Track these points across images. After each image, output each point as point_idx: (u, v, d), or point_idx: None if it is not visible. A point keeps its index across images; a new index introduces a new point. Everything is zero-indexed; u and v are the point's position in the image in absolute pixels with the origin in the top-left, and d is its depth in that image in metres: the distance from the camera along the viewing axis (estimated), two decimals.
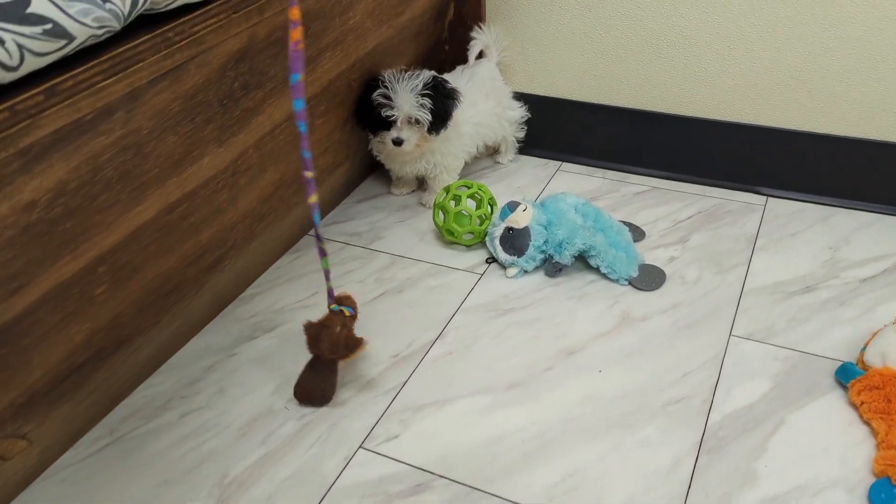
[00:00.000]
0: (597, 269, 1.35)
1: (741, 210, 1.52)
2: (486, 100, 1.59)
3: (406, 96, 1.39)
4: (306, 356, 1.13)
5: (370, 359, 1.22)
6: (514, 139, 1.70)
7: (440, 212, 1.44)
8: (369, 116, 1.44)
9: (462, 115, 1.51)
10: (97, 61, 0.74)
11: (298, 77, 0.85)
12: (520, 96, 1.69)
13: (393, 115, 1.40)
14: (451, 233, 1.43)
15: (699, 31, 1.47)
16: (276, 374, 1.20)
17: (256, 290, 1.38)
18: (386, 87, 1.39)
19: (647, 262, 1.38)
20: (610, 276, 1.34)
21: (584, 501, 0.98)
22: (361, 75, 1.37)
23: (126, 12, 0.74)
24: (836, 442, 1.04)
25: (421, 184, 1.65)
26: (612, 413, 1.10)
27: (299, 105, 0.87)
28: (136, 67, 0.79)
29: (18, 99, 0.68)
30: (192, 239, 1.11)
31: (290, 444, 1.08)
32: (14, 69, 0.66)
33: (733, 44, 1.45)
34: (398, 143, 1.43)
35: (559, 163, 1.72)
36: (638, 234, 1.46)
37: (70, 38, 0.69)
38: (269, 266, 1.43)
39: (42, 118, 0.70)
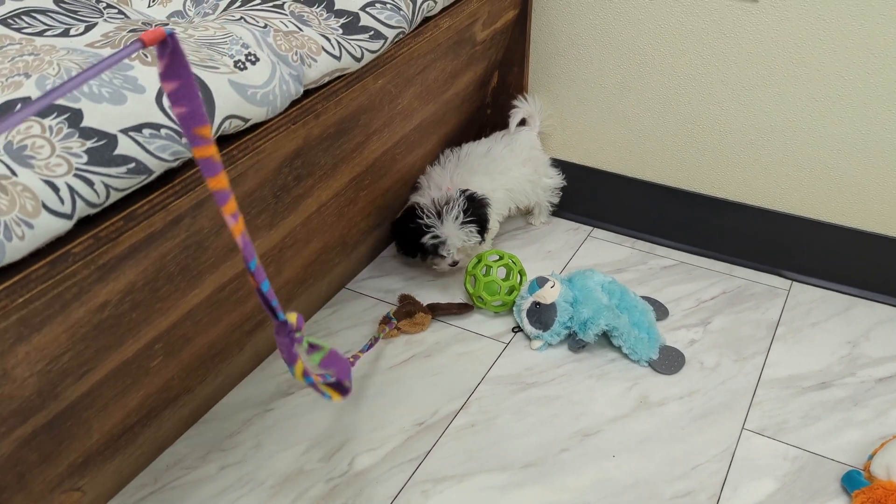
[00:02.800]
0: (619, 348, 1.41)
1: (765, 294, 1.56)
2: (523, 166, 1.65)
3: (452, 231, 1.47)
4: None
5: (396, 425, 1.30)
6: (547, 203, 1.76)
7: (471, 278, 1.51)
8: (421, 251, 1.53)
9: (495, 182, 1.59)
10: (170, 185, 0.82)
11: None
12: (557, 163, 1.75)
13: (449, 254, 1.50)
14: (481, 300, 1.50)
15: (733, 119, 1.51)
16: (309, 434, 1.28)
17: None
18: (429, 226, 1.47)
19: (667, 344, 1.43)
20: (631, 356, 1.40)
21: None
22: (406, 149, 1.44)
23: None
24: None
25: None
26: (622, 501, 1.16)
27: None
28: (203, 185, 0.87)
29: (101, 227, 0.76)
30: (238, 309, 1.19)
31: None
32: (99, 206, 0.74)
33: (766, 134, 1.49)
34: (455, 265, 1.54)
35: (590, 228, 1.78)
36: (661, 312, 1.51)
37: (149, 172, 0.78)
38: (307, 321, 1.51)
39: (120, 240, 0.79)
